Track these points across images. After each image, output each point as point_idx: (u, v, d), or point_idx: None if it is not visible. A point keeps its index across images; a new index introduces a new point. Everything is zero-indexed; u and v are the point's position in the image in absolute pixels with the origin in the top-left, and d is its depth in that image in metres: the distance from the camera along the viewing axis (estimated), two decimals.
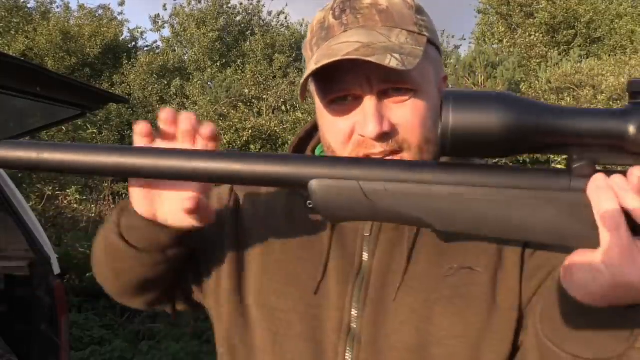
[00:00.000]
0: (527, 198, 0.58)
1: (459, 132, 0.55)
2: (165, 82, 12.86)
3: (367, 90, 0.75)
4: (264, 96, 10.57)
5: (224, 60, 14.44)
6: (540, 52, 15.36)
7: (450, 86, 1.23)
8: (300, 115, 9.68)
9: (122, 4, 15.06)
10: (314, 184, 0.60)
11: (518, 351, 0.76)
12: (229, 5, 16.10)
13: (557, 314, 0.64)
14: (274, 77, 12.38)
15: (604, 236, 0.55)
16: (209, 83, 12.43)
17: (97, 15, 14.61)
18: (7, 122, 3.13)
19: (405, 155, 0.77)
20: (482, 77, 11.94)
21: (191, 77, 13.14)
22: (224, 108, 8.11)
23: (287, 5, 24.02)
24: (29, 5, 14.00)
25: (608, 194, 0.55)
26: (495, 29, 17.33)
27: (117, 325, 5.09)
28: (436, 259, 0.78)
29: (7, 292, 3.13)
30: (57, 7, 14.73)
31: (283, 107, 10.44)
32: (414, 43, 0.76)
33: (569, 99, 9.19)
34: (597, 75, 10.55)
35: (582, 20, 16.04)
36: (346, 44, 0.73)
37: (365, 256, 0.81)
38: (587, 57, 14.11)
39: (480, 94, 0.57)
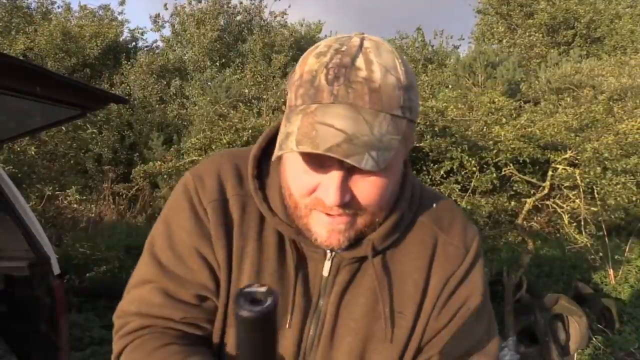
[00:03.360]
0: None
1: None
2: (165, 82, 12.86)
3: (337, 161, 0.78)
4: (264, 96, 10.56)
5: (223, 60, 14.44)
6: (540, 52, 15.35)
7: (449, 86, 1.27)
8: None
9: (122, 3, 15.06)
10: None
11: None
12: (230, 5, 16.11)
13: None
14: (274, 77, 12.37)
15: None
16: (208, 83, 12.43)
17: (97, 15, 14.60)
18: (7, 122, 3.13)
19: (359, 220, 0.85)
20: (482, 77, 11.94)
21: (189, 77, 13.14)
22: (223, 108, 8.10)
23: (289, 6, 23.95)
24: (29, 6, 14.00)
25: None
26: (495, 29, 17.33)
27: None
28: (374, 302, 0.92)
29: (7, 292, 3.13)
30: (58, 8, 14.75)
31: (283, 107, 10.44)
32: (394, 131, 0.79)
33: (569, 99, 9.18)
34: (597, 75, 10.55)
35: (582, 21, 16.03)
36: (331, 132, 0.75)
37: (322, 297, 0.93)
38: (587, 57, 14.10)
39: None
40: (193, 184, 0.95)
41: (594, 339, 4.74)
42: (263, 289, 0.60)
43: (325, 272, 0.93)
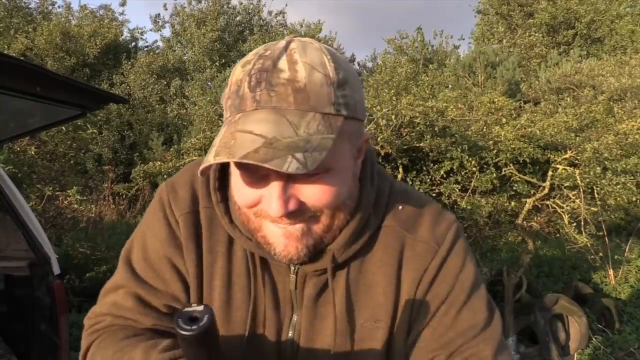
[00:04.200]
0: None
1: None
2: (165, 82, 12.86)
3: (275, 173, 0.75)
4: None
5: (223, 61, 14.45)
6: (540, 52, 15.35)
7: (449, 86, 1.26)
8: None
9: (123, 4, 15.06)
10: None
11: None
12: (229, 5, 16.11)
13: None
14: None
15: None
16: (208, 83, 12.43)
17: (97, 15, 14.60)
18: (7, 122, 3.13)
19: (314, 226, 0.82)
20: (482, 77, 11.94)
21: (189, 77, 13.14)
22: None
23: (287, 5, 24.13)
24: (29, 6, 14.00)
25: None
26: (495, 29, 17.33)
27: None
28: (346, 315, 0.90)
29: (7, 292, 3.13)
30: (59, 8, 14.77)
31: None
32: (326, 130, 0.74)
33: (569, 99, 9.17)
34: (597, 75, 10.55)
35: (582, 21, 16.04)
36: (249, 138, 0.71)
37: (294, 311, 0.91)
38: (587, 57, 14.10)
39: None
40: (167, 195, 0.94)
41: (594, 339, 4.74)
42: (200, 308, 0.67)
43: (292, 286, 0.90)
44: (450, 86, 11.79)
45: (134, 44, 15.44)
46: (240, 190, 0.81)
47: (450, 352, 0.88)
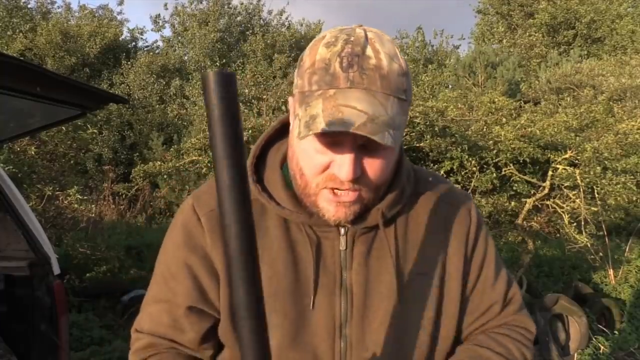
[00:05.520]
0: None
1: None
2: (164, 82, 12.85)
3: (351, 141, 0.86)
4: (264, 96, 10.56)
5: (224, 61, 14.44)
6: (540, 52, 15.35)
7: (449, 86, 1.44)
8: None
9: (121, 3, 15.07)
10: None
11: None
12: (230, 5, 16.11)
13: None
14: (274, 77, 12.37)
15: None
16: None
17: (97, 15, 14.60)
18: (7, 122, 3.13)
19: (364, 195, 0.92)
20: (482, 77, 11.94)
21: (191, 77, 13.13)
22: None
23: (288, 3, 24.20)
24: (29, 6, 14.00)
25: None
26: (495, 29, 17.33)
27: (117, 325, 5.08)
28: (400, 267, 0.99)
29: (7, 292, 3.13)
30: (58, 8, 14.77)
31: (283, 107, 10.43)
32: (402, 112, 0.88)
33: (569, 99, 9.18)
34: (597, 75, 10.56)
35: (582, 21, 16.04)
36: (355, 113, 0.82)
37: (344, 270, 0.99)
38: (588, 57, 14.10)
39: None
40: (190, 201, 1.04)
41: (594, 339, 4.74)
42: None
43: (343, 246, 0.98)
44: (450, 86, 11.80)
45: (133, 43, 15.43)
46: (312, 157, 0.90)
47: (503, 305, 1.08)
